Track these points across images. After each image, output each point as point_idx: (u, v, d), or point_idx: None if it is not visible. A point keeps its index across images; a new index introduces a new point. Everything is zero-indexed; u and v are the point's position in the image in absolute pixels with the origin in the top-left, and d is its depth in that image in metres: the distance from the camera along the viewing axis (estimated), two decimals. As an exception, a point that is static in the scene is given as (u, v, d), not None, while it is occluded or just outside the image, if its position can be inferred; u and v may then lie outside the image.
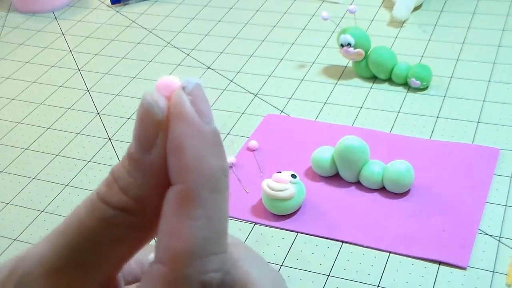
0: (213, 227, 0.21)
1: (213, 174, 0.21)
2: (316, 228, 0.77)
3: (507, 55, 1.03)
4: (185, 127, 0.21)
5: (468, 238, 0.74)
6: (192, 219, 0.21)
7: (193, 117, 0.21)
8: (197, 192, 0.21)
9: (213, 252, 0.21)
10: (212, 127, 0.22)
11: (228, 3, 1.28)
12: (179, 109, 0.22)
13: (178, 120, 0.21)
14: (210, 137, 0.22)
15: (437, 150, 0.86)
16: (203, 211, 0.21)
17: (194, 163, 0.21)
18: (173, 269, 0.21)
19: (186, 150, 0.21)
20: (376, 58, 0.98)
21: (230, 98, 1.01)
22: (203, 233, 0.21)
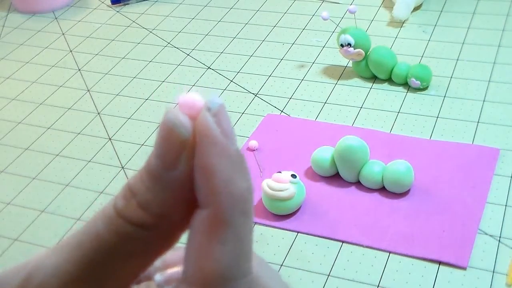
0: (243, 249, 0.22)
1: (242, 196, 0.22)
2: (316, 228, 0.77)
3: (507, 55, 1.03)
4: (213, 148, 0.21)
5: (468, 238, 0.74)
6: (222, 242, 0.21)
7: (220, 139, 0.21)
8: (228, 215, 0.21)
9: (242, 274, 0.22)
10: (236, 149, 0.22)
11: (228, 3, 1.28)
12: (206, 131, 0.21)
13: (206, 142, 0.21)
14: (236, 158, 0.22)
15: (437, 150, 0.86)
16: (233, 234, 0.21)
17: (224, 185, 0.21)
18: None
19: (215, 173, 0.21)
20: (376, 58, 0.98)
21: (230, 98, 1.01)
22: (233, 256, 0.21)
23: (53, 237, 0.81)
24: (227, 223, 0.21)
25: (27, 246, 0.81)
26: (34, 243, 0.81)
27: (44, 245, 0.80)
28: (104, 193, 0.87)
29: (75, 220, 0.83)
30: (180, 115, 0.22)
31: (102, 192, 0.87)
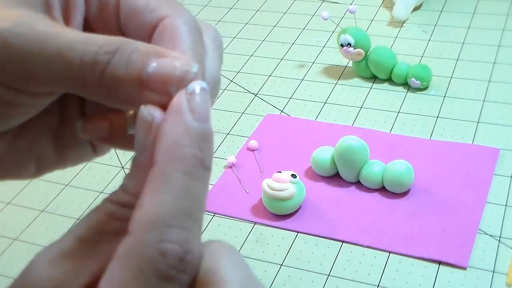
0: (177, 204, 0.23)
1: (185, 158, 0.23)
2: (316, 228, 0.77)
3: (507, 55, 1.03)
4: (172, 117, 0.23)
5: (468, 238, 0.74)
6: (156, 192, 0.23)
7: (182, 110, 0.23)
8: (164, 169, 0.23)
9: (174, 225, 0.22)
10: (201, 125, 0.24)
11: (228, 3, 1.28)
12: (173, 103, 0.24)
13: (169, 112, 0.24)
14: (194, 131, 0.23)
15: (437, 150, 0.86)
16: (167, 186, 0.23)
17: (169, 145, 0.23)
18: (134, 237, 0.22)
19: (165, 135, 0.23)
20: (376, 58, 0.98)
21: (230, 98, 1.01)
22: (165, 206, 0.22)
23: (53, 237, 0.81)
24: (163, 176, 0.23)
25: (27, 246, 0.81)
26: (34, 243, 0.81)
27: (44, 245, 0.80)
28: (104, 193, 0.87)
29: (75, 220, 0.83)
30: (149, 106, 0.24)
31: (102, 192, 0.87)
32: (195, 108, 0.24)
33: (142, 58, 0.25)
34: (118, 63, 0.25)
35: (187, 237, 0.22)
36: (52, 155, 0.30)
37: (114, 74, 0.24)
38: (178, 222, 0.22)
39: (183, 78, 0.25)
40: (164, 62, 0.25)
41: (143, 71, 0.24)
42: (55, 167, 0.30)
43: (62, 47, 0.24)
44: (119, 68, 0.25)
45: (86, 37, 0.25)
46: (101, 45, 0.25)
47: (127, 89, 0.25)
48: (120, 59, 0.25)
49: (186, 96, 0.24)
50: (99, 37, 0.25)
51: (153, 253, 0.22)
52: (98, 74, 0.24)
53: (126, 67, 0.25)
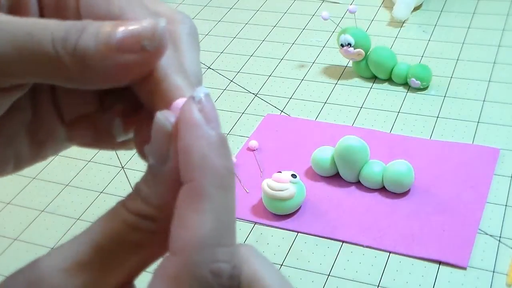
0: (220, 220, 0.22)
1: (218, 171, 0.23)
2: (316, 228, 0.77)
3: (507, 55, 1.03)
4: (192, 130, 0.23)
5: (468, 238, 0.74)
6: (199, 212, 0.22)
7: (199, 122, 0.23)
8: (203, 187, 0.22)
9: (221, 243, 0.22)
10: (217, 132, 0.24)
11: (228, 3, 1.28)
12: (187, 115, 0.23)
13: (186, 125, 0.23)
14: (215, 140, 0.23)
15: (437, 150, 0.86)
16: (209, 205, 0.22)
17: (199, 161, 0.23)
18: (184, 258, 0.22)
19: (192, 151, 0.23)
20: (376, 58, 0.98)
21: (230, 98, 1.01)
22: (211, 225, 0.22)
23: (53, 237, 0.81)
24: (203, 194, 0.22)
25: (27, 246, 0.81)
26: (34, 243, 0.81)
27: (44, 245, 0.80)
28: (104, 193, 0.87)
29: (75, 220, 0.83)
30: (165, 112, 0.24)
31: (102, 192, 0.87)
32: (208, 117, 0.24)
33: (109, 27, 0.24)
34: (88, 36, 0.24)
35: (234, 252, 0.23)
36: (28, 151, 0.29)
37: (85, 46, 0.24)
38: (224, 239, 0.22)
39: (153, 30, 0.24)
40: (131, 25, 0.24)
41: (112, 37, 0.24)
42: (34, 161, 0.30)
43: (31, 29, 0.23)
44: (89, 41, 0.24)
45: (50, 20, 0.24)
46: (71, 25, 0.24)
47: (99, 59, 0.24)
48: (89, 32, 0.24)
49: (197, 106, 0.24)
50: (67, 21, 0.24)
51: (207, 273, 0.22)
52: (70, 50, 0.24)
53: (96, 38, 0.24)
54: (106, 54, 0.24)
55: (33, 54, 0.24)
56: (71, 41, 0.24)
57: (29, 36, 0.24)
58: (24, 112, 0.29)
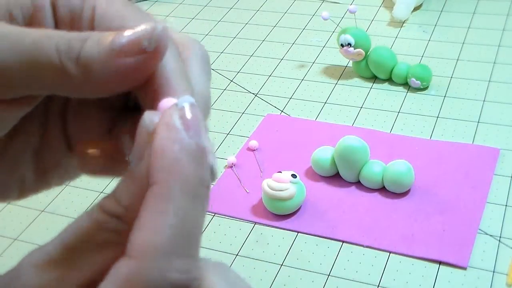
0: (182, 227, 0.22)
1: (187, 178, 0.22)
2: (316, 228, 0.77)
3: (507, 55, 1.03)
4: (168, 133, 0.23)
5: (468, 238, 0.74)
6: (162, 214, 0.22)
7: (177, 126, 0.23)
8: (168, 190, 0.22)
9: (179, 252, 0.22)
10: (196, 141, 0.23)
11: (228, 3, 1.28)
12: (166, 118, 0.23)
13: (163, 126, 0.23)
14: (190, 147, 0.23)
15: (437, 150, 0.86)
16: (174, 208, 0.22)
17: (169, 164, 0.22)
18: (138, 262, 0.22)
19: (164, 152, 0.23)
20: (376, 58, 0.98)
21: (230, 98, 1.01)
22: (170, 231, 0.22)
23: (53, 237, 0.81)
24: (167, 198, 0.22)
25: (27, 246, 0.81)
26: (34, 243, 0.81)
27: (44, 245, 0.80)
28: (104, 193, 0.87)
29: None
30: (152, 112, 0.24)
31: (102, 192, 0.87)
32: (188, 124, 0.23)
33: (111, 36, 0.24)
34: (91, 44, 0.24)
35: (193, 265, 0.22)
36: (34, 177, 0.29)
37: (88, 53, 0.24)
38: (184, 249, 0.22)
39: (151, 32, 0.24)
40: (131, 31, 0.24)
41: (114, 43, 0.24)
42: (39, 189, 0.30)
43: (36, 39, 0.24)
44: (92, 48, 0.24)
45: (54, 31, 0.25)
46: (75, 35, 0.24)
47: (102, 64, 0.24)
48: (92, 41, 0.24)
49: (179, 113, 0.23)
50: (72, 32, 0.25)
51: (161, 282, 0.21)
52: (74, 57, 0.24)
53: (98, 45, 0.24)
54: (108, 59, 0.24)
55: (37, 63, 0.24)
56: (75, 49, 0.24)
57: (34, 45, 0.24)
58: (32, 137, 0.29)
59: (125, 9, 0.26)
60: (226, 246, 0.77)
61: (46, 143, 0.29)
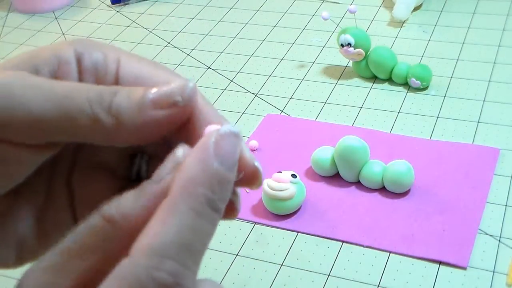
0: (181, 238, 0.23)
1: (198, 198, 0.23)
2: (316, 228, 0.77)
3: (507, 55, 1.03)
4: (195, 153, 0.24)
5: (468, 238, 0.74)
6: (162, 222, 0.23)
7: (206, 149, 0.24)
8: (177, 203, 0.23)
9: (172, 257, 0.23)
10: (221, 169, 0.24)
11: (228, 3, 1.28)
12: (201, 142, 0.24)
13: (195, 149, 0.24)
14: (212, 171, 0.24)
15: (437, 150, 0.86)
16: (174, 220, 0.23)
17: (184, 179, 0.23)
18: (132, 259, 0.22)
19: (184, 170, 0.24)
20: (376, 58, 0.98)
21: (230, 98, 1.01)
22: (169, 238, 0.23)
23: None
24: (173, 210, 0.23)
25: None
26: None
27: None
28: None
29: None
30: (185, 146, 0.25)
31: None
32: (221, 151, 0.24)
33: (142, 90, 0.26)
34: (122, 96, 0.25)
35: (182, 272, 0.23)
36: (34, 241, 0.29)
37: (120, 104, 0.25)
38: (177, 255, 0.23)
39: (183, 88, 0.25)
40: (162, 87, 0.26)
41: (145, 98, 0.25)
42: (37, 255, 0.29)
43: (67, 90, 0.25)
44: (124, 99, 0.25)
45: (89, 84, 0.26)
46: (104, 88, 0.26)
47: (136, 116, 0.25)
48: (122, 94, 0.25)
49: (216, 137, 0.24)
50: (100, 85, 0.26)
51: (146, 278, 0.22)
52: (105, 108, 0.25)
53: (128, 98, 0.25)
54: (141, 110, 0.25)
55: (69, 112, 0.25)
56: (106, 100, 0.25)
57: (65, 95, 0.25)
58: (37, 196, 0.29)
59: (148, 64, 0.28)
60: (226, 246, 0.77)
61: (50, 204, 0.29)
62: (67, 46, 0.27)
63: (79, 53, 0.27)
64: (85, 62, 0.27)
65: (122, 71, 0.28)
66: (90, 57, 0.27)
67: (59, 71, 0.27)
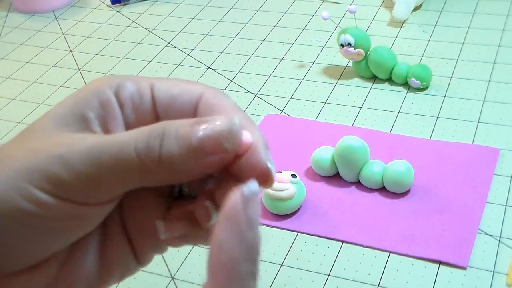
0: None
1: (243, 279, 0.24)
2: (316, 228, 0.77)
3: (507, 55, 1.03)
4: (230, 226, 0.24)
5: (468, 238, 0.74)
6: None
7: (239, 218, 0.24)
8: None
9: None
10: (254, 234, 0.24)
11: (228, 3, 1.28)
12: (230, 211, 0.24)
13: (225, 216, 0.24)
14: (249, 242, 0.24)
15: (437, 150, 0.86)
16: None
17: (227, 264, 0.24)
18: None
19: (222, 247, 0.24)
20: (376, 58, 0.98)
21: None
22: None
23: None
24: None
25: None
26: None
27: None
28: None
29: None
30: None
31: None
32: (251, 216, 0.24)
33: (188, 130, 0.26)
34: (170, 142, 0.26)
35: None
36: (98, 275, 0.30)
37: (169, 153, 0.26)
38: None
39: (230, 131, 0.26)
40: (208, 126, 0.26)
41: (193, 140, 0.26)
42: (103, 286, 0.31)
43: (115, 148, 0.26)
44: (172, 146, 0.26)
45: (131, 132, 0.27)
46: (149, 132, 0.26)
47: (186, 163, 0.26)
48: (169, 138, 0.26)
49: (242, 199, 0.24)
50: (143, 128, 0.27)
51: None
52: (155, 158, 0.26)
53: (177, 143, 0.26)
54: (190, 158, 0.26)
55: (123, 171, 0.26)
56: (154, 149, 0.26)
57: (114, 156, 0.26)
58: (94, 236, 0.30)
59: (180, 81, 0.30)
60: (226, 246, 0.77)
61: (108, 239, 0.30)
62: (105, 85, 0.30)
63: (116, 88, 0.30)
64: (123, 95, 0.30)
65: (156, 94, 0.30)
66: (125, 89, 0.30)
67: (103, 111, 0.29)
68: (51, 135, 0.28)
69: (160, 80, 0.30)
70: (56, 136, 0.28)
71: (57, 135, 0.28)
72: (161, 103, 0.30)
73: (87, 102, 0.29)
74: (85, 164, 0.26)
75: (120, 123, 0.30)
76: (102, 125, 0.29)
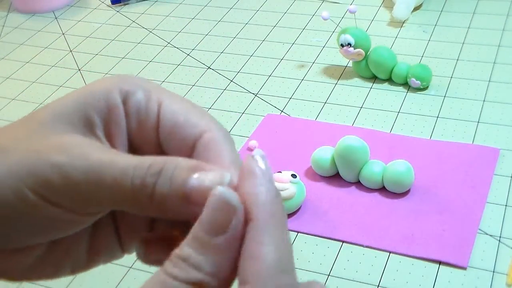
0: (281, 253, 0.26)
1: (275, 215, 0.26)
2: (316, 228, 0.77)
3: (507, 55, 1.03)
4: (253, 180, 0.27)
5: (468, 238, 0.74)
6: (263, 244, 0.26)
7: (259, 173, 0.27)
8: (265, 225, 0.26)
9: (284, 269, 0.26)
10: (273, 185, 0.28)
11: (228, 3, 1.28)
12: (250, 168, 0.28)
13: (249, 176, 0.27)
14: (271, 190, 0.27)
15: (437, 150, 0.86)
16: (271, 240, 0.26)
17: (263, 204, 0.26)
18: (254, 284, 0.25)
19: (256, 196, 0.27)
20: (376, 58, 0.98)
21: (230, 98, 1.01)
22: (273, 255, 0.26)
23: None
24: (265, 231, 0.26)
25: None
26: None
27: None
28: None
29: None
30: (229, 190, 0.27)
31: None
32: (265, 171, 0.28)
33: (183, 175, 0.27)
34: (163, 182, 0.27)
35: (295, 280, 0.26)
36: (85, 258, 0.32)
37: (161, 193, 0.27)
38: (285, 266, 0.26)
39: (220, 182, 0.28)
40: (200, 177, 0.27)
41: (184, 187, 0.27)
42: (89, 267, 0.33)
43: (116, 176, 0.27)
44: (164, 187, 0.27)
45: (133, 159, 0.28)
46: (148, 167, 0.27)
47: (174, 204, 0.27)
48: (164, 178, 0.27)
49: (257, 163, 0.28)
50: (146, 160, 0.28)
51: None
52: (148, 195, 0.27)
53: (170, 185, 0.27)
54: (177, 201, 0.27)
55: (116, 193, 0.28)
56: (148, 188, 0.27)
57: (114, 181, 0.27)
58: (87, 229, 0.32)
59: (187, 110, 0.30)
60: (226, 246, 0.77)
61: (99, 228, 0.32)
62: (115, 88, 0.30)
63: (125, 94, 0.30)
64: (130, 105, 0.30)
65: (162, 113, 0.30)
66: (134, 99, 0.30)
67: (109, 116, 0.30)
68: (52, 135, 0.28)
69: (170, 98, 0.31)
70: (58, 137, 0.28)
71: (59, 135, 0.28)
72: (164, 127, 0.30)
73: (95, 103, 0.29)
74: (83, 182, 0.27)
75: (123, 131, 0.30)
76: (106, 130, 0.30)
